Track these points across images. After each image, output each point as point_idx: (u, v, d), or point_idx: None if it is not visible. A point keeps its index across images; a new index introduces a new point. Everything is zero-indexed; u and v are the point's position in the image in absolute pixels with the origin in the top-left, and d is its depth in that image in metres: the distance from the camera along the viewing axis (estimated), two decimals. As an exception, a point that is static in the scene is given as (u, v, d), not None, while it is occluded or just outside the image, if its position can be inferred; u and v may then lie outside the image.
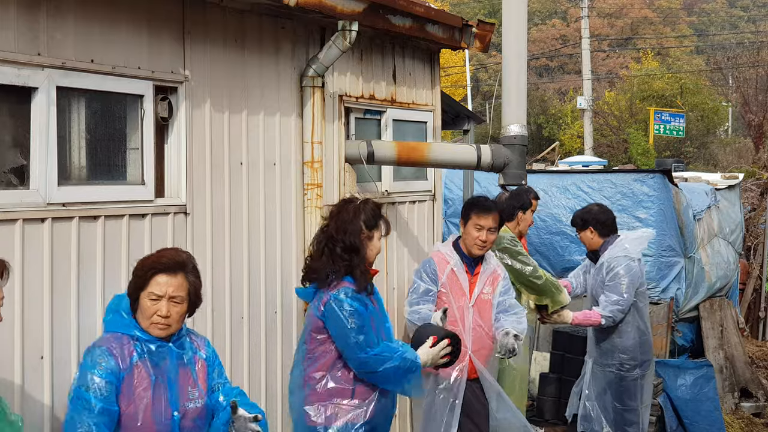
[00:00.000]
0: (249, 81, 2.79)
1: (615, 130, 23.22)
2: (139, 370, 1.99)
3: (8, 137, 2.10)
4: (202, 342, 2.21)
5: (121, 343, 1.99)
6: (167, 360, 2.05)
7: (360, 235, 2.53)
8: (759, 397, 5.64)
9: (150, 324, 2.03)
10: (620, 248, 3.87)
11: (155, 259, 2.06)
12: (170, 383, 2.04)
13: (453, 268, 3.20)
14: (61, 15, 2.16)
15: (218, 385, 2.18)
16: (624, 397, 3.89)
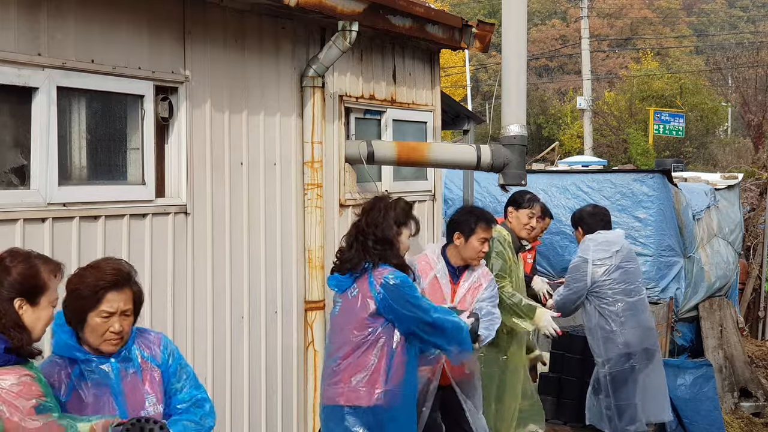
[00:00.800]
0: (249, 81, 2.80)
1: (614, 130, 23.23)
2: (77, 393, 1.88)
3: (9, 137, 2.10)
4: (157, 343, 2.01)
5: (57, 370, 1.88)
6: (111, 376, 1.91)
7: (391, 229, 2.55)
8: (758, 396, 5.64)
9: (103, 342, 1.90)
10: (581, 249, 3.99)
11: (99, 276, 1.89)
12: (116, 398, 1.92)
13: (436, 274, 3.07)
14: (62, 15, 2.17)
15: (176, 389, 2.01)
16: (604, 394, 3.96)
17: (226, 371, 2.69)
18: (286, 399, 2.98)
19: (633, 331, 3.96)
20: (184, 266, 2.52)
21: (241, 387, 2.76)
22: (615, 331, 3.93)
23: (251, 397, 2.81)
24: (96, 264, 1.93)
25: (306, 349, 3.02)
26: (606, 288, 3.94)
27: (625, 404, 3.97)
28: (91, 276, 1.89)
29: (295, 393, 3.01)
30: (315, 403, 3.00)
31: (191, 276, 2.56)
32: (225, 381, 2.67)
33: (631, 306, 3.97)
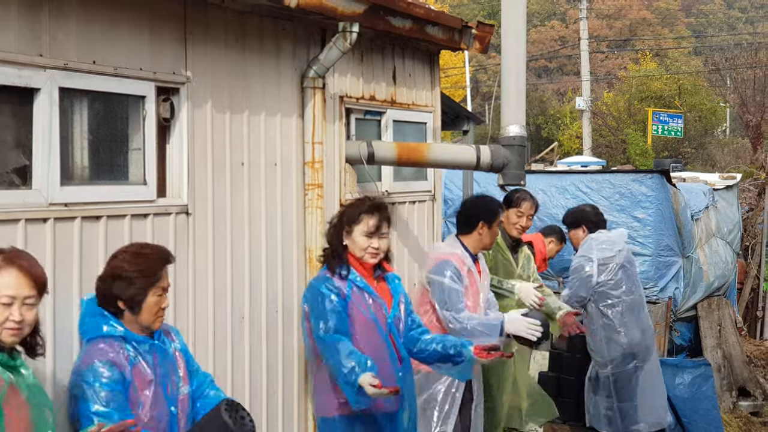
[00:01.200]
0: (250, 82, 2.80)
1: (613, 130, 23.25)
2: (138, 372, 1.98)
3: (11, 138, 2.11)
4: (173, 331, 2.21)
5: (115, 350, 1.96)
6: (156, 356, 2.05)
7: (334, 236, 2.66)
8: (757, 396, 5.66)
9: (155, 319, 2.03)
10: (585, 248, 3.97)
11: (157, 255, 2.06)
12: (163, 380, 2.04)
13: (470, 268, 3.19)
14: (63, 16, 2.17)
15: (194, 372, 2.21)
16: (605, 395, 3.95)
17: (226, 371, 2.69)
18: (287, 399, 2.98)
19: (634, 330, 3.97)
20: (185, 266, 2.53)
21: (242, 387, 2.77)
22: (619, 332, 3.93)
23: (252, 397, 2.81)
24: (136, 247, 2.07)
25: (306, 348, 3.03)
26: (609, 288, 3.94)
27: (627, 405, 3.98)
28: (145, 257, 2.02)
29: (296, 393, 3.01)
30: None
31: (192, 276, 2.57)
32: (226, 381, 2.68)
33: (632, 305, 3.98)
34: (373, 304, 2.62)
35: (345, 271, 2.61)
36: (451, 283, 3.10)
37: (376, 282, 2.67)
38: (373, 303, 2.62)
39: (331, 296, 2.56)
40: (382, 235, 2.62)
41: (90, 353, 1.98)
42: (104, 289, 2.02)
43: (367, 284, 2.63)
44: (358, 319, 2.58)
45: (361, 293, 2.61)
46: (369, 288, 2.63)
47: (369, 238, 2.61)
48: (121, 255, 2.05)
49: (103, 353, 1.96)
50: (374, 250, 2.61)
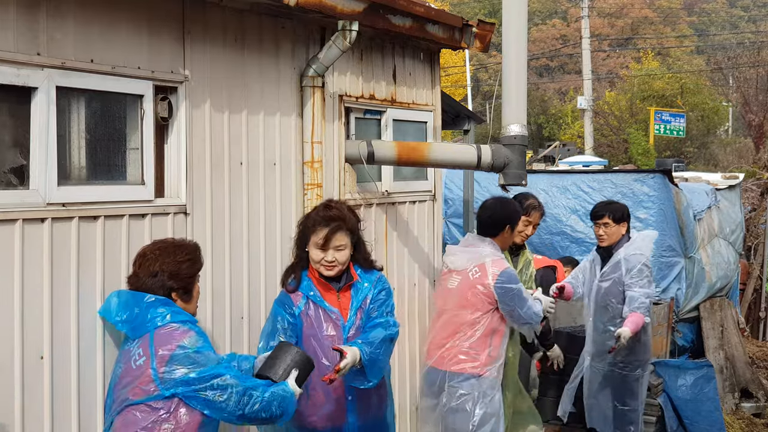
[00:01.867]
0: (249, 81, 2.79)
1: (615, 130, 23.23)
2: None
3: (8, 137, 2.10)
4: None
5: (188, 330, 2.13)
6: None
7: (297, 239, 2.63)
8: (759, 397, 5.63)
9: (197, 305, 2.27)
10: (636, 246, 3.89)
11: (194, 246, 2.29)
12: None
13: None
14: (61, 15, 2.16)
15: None
16: (626, 397, 3.90)
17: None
18: (286, 399, 2.97)
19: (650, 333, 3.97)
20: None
21: (240, 387, 2.75)
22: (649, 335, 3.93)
23: (251, 397, 2.80)
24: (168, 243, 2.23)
25: (306, 349, 3.02)
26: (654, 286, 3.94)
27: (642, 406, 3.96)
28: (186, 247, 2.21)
29: (294, 393, 3.00)
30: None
31: (191, 276, 2.55)
32: (225, 381, 2.66)
33: None
34: (326, 319, 2.52)
35: (293, 286, 2.54)
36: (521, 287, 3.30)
37: (339, 292, 2.56)
38: (326, 317, 2.52)
39: (279, 317, 2.50)
40: (338, 248, 2.49)
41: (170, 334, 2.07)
42: (152, 285, 2.13)
43: (320, 298, 2.53)
44: (309, 333, 2.52)
45: (315, 308, 2.53)
46: (323, 302, 2.53)
47: (321, 251, 2.51)
48: (161, 251, 2.17)
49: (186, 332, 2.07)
50: (327, 263, 2.50)
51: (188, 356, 2.03)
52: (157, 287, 2.12)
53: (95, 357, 2.23)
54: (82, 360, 2.20)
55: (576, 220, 5.68)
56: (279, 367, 2.22)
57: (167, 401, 2.03)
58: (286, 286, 2.59)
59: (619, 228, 3.91)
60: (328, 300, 2.55)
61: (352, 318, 2.56)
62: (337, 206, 2.58)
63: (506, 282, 3.22)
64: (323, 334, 2.52)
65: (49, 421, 2.12)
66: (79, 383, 2.19)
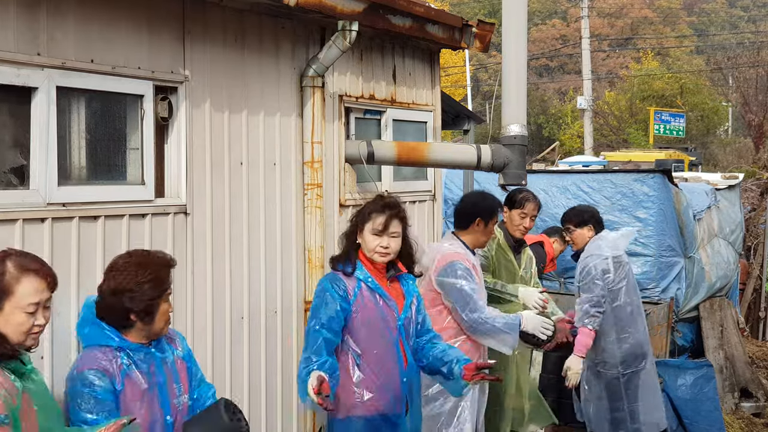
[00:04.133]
0: (249, 81, 2.79)
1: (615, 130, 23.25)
2: (131, 382, 1.96)
3: (8, 137, 2.10)
4: (177, 338, 2.17)
5: (108, 358, 1.95)
6: (153, 365, 2.02)
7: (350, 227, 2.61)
8: (759, 397, 5.63)
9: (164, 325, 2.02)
10: (594, 246, 3.81)
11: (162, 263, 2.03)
12: (159, 388, 2.02)
13: (474, 265, 3.14)
14: (61, 15, 2.16)
15: (198, 382, 2.17)
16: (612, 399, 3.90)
17: (225, 371, 2.68)
18: (286, 399, 2.97)
19: (642, 330, 3.93)
20: (183, 266, 2.51)
21: (240, 387, 2.76)
22: (629, 332, 3.87)
23: (251, 396, 2.80)
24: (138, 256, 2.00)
25: (306, 349, 3.02)
26: (622, 287, 3.85)
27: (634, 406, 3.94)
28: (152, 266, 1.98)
29: (294, 393, 3.00)
30: (315, 403, 2.99)
31: (191, 276, 2.56)
32: (224, 381, 2.67)
33: (638, 305, 3.95)
34: (383, 305, 2.54)
35: (350, 270, 2.55)
36: (467, 284, 3.04)
37: (388, 282, 2.58)
38: (383, 304, 2.54)
39: (332, 294, 2.51)
40: (392, 234, 2.52)
41: (84, 360, 1.97)
42: (112, 302, 1.97)
43: (377, 284, 2.54)
44: (365, 319, 2.52)
45: (371, 293, 2.53)
46: (380, 288, 2.54)
47: (377, 236, 2.52)
48: (124, 266, 1.99)
49: (95, 361, 1.94)
50: (383, 249, 2.52)
51: (72, 394, 1.90)
52: (116, 306, 1.97)
53: (95, 357, 2.23)
54: (83, 360, 2.19)
55: (576, 220, 5.67)
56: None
57: None
58: (343, 269, 2.55)
59: (582, 232, 3.86)
60: (382, 287, 2.58)
61: (407, 310, 2.59)
62: (391, 197, 2.65)
63: (446, 275, 3.04)
64: (380, 319, 2.53)
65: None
66: (80, 383, 2.19)
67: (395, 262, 2.60)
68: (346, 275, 2.55)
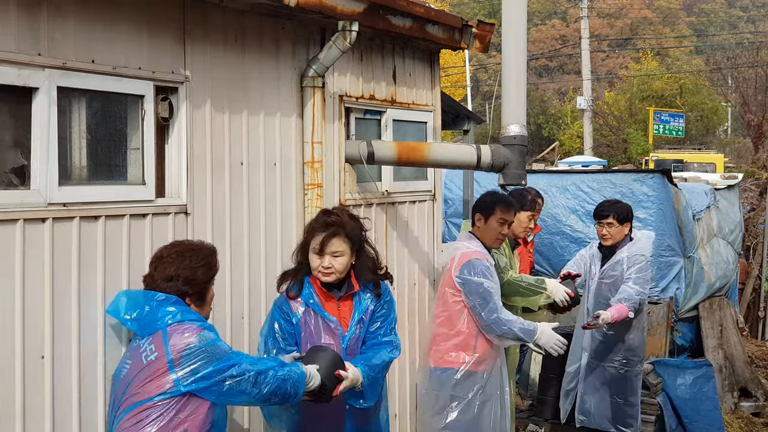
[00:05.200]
0: (249, 81, 2.80)
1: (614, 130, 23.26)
2: None
3: (9, 137, 2.10)
4: None
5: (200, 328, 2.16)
6: None
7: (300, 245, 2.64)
8: (758, 396, 5.64)
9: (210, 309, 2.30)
10: (638, 246, 3.92)
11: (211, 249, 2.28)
12: None
13: (491, 264, 3.16)
14: (62, 15, 2.17)
15: None
16: (627, 393, 3.93)
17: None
18: (286, 399, 2.97)
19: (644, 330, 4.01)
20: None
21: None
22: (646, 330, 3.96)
23: (251, 397, 2.80)
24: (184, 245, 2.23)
25: (306, 349, 3.02)
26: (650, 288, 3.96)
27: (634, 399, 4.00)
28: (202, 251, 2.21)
29: (295, 393, 3.01)
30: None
31: (191, 276, 2.56)
32: (225, 381, 2.67)
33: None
34: (324, 328, 2.51)
35: (294, 291, 2.53)
36: (487, 282, 3.05)
37: (339, 301, 2.54)
38: (324, 326, 2.51)
39: (276, 321, 2.50)
40: (334, 254, 2.47)
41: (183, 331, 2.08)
42: (167, 288, 2.13)
43: (320, 306, 2.51)
44: (308, 341, 2.51)
45: (314, 315, 2.52)
46: (321, 311, 2.51)
47: (318, 256, 2.49)
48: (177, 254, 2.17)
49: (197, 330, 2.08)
50: (324, 269, 2.49)
51: (203, 350, 2.05)
52: (171, 291, 2.14)
53: (96, 357, 2.24)
54: (83, 360, 2.20)
55: (575, 220, 5.69)
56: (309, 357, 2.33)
57: (182, 396, 2.04)
58: (288, 292, 2.56)
59: (622, 228, 3.95)
60: (327, 309, 2.54)
61: (353, 329, 2.54)
62: (336, 212, 2.57)
63: (468, 273, 3.06)
64: (321, 343, 2.51)
65: (50, 420, 2.12)
66: (80, 383, 2.19)
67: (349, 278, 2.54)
68: (291, 298, 2.54)
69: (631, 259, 3.83)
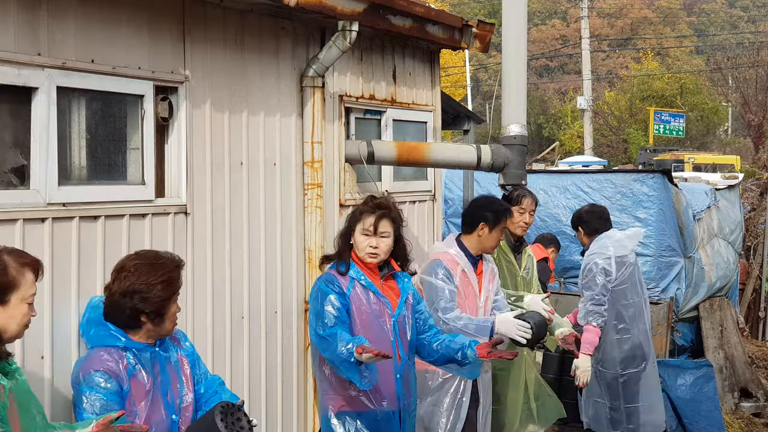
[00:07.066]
0: (249, 81, 2.79)
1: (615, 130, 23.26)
2: (136, 382, 1.97)
3: (9, 137, 2.10)
4: (180, 336, 2.19)
5: (115, 359, 1.96)
6: (157, 364, 2.04)
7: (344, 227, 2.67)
8: (759, 396, 5.64)
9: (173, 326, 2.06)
10: (599, 245, 3.83)
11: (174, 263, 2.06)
12: (164, 388, 2.03)
13: (464, 268, 3.10)
14: (62, 15, 2.17)
15: (201, 377, 2.19)
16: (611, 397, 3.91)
17: (225, 371, 2.69)
18: (286, 399, 2.97)
19: (644, 331, 3.94)
20: (183, 266, 2.51)
21: (240, 387, 2.76)
22: (631, 333, 3.88)
23: (251, 396, 2.81)
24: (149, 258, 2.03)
25: (306, 349, 3.02)
26: (626, 288, 3.86)
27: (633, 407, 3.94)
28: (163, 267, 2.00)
29: (294, 393, 3.01)
30: (315, 403, 3.00)
31: (191, 276, 2.56)
32: (225, 381, 2.67)
33: (642, 306, 3.95)
34: (376, 303, 2.58)
35: (344, 269, 2.60)
36: (439, 282, 3.02)
37: (382, 280, 2.63)
38: (376, 301, 2.58)
39: (331, 295, 2.54)
40: (382, 234, 2.58)
41: (90, 361, 1.98)
42: (122, 303, 1.98)
43: (370, 282, 2.59)
44: (359, 316, 2.56)
45: (364, 291, 2.58)
46: (372, 286, 2.59)
47: (367, 237, 2.58)
48: (135, 268, 2.00)
49: (102, 362, 1.95)
50: (372, 249, 2.57)
51: (78, 392, 1.93)
52: (127, 307, 1.98)
53: (96, 357, 2.23)
54: (83, 360, 2.20)
55: (576, 220, 5.68)
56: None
57: None
58: (337, 269, 2.60)
59: (579, 235, 3.98)
60: (375, 285, 2.62)
61: (401, 308, 2.63)
62: (383, 198, 2.70)
63: (424, 272, 3.02)
64: (372, 318, 2.56)
65: (49, 420, 2.11)
66: (80, 383, 2.19)
67: (389, 261, 2.64)
68: (340, 274, 2.59)
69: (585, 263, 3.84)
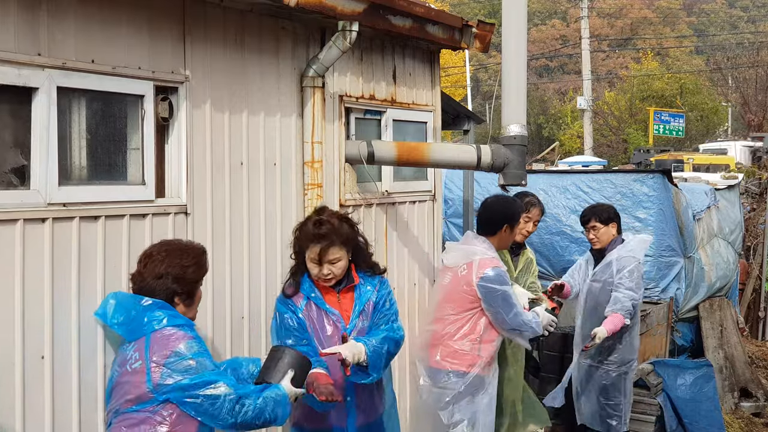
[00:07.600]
0: (249, 81, 2.80)
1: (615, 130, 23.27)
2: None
3: (9, 137, 2.10)
4: None
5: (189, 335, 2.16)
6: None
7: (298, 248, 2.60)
8: (759, 396, 5.64)
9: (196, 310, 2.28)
10: (629, 248, 3.88)
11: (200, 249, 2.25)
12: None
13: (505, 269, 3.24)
14: (62, 15, 2.17)
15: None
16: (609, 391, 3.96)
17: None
18: (286, 399, 2.97)
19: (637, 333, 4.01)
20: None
21: (241, 387, 2.76)
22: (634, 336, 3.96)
23: (251, 397, 2.80)
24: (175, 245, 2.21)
25: (306, 349, 3.02)
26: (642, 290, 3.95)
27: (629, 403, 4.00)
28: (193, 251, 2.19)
29: (295, 393, 3.00)
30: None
31: (191, 276, 2.56)
32: (225, 381, 2.67)
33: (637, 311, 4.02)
34: (326, 320, 2.55)
35: (292, 289, 2.57)
36: (510, 289, 3.15)
37: (339, 294, 2.57)
38: (326, 319, 2.55)
39: (286, 314, 2.54)
40: (332, 261, 2.51)
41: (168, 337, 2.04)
42: (155, 286, 2.11)
43: (321, 300, 2.55)
44: (314, 335, 2.54)
45: (316, 309, 2.55)
46: (323, 304, 2.55)
47: (317, 265, 2.53)
48: (167, 253, 2.14)
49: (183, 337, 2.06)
50: (324, 276, 2.54)
51: (183, 362, 2.01)
52: (160, 290, 2.10)
53: (96, 357, 2.24)
54: (83, 360, 2.20)
55: (576, 220, 5.67)
56: (275, 369, 2.23)
57: (163, 406, 2.01)
58: (285, 290, 2.61)
59: (608, 229, 3.93)
60: (328, 302, 2.57)
61: (354, 321, 2.58)
62: (328, 221, 2.54)
63: (490, 282, 3.10)
64: (324, 335, 2.54)
65: (50, 421, 2.12)
66: (80, 383, 2.19)
67: (349, 272, 2.58)
68: (289, 295, 2.58)
69: (621, 262, 3.80)
